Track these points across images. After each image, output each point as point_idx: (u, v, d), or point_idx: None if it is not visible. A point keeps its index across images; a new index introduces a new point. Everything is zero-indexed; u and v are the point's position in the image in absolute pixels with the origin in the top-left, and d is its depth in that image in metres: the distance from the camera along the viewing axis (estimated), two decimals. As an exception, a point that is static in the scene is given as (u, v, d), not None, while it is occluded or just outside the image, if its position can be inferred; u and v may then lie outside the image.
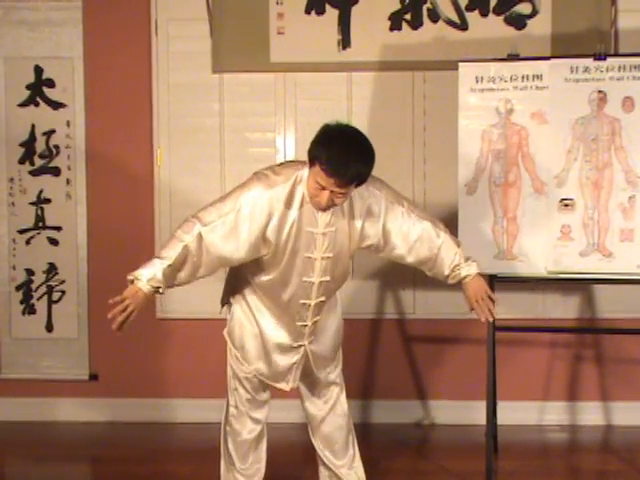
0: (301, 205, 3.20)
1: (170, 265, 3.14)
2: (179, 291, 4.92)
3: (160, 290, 3.15)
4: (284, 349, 3.46)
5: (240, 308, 3.49)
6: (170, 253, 3.15)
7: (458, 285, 3.44)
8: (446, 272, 3.41)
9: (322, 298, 3.39)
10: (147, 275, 3.11)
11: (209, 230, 3.18)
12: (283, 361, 3.47)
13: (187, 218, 3.23)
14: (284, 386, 3.50)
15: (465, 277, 3.39)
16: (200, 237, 3.17)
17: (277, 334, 3.45)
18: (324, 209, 3.17)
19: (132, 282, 3.12)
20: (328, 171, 3.02)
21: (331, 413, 3.61)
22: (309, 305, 3.36)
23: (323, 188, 3.07)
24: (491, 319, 3.45)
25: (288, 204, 3.18)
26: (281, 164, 3.42)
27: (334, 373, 3.61)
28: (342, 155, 3.01)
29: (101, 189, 5.03)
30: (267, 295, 3.41)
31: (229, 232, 3.18)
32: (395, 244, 3.34)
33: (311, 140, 3.12)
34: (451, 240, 3.42)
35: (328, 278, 3.32)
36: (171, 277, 3.17)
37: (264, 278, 3.34)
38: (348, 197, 3.17)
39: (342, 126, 3.14)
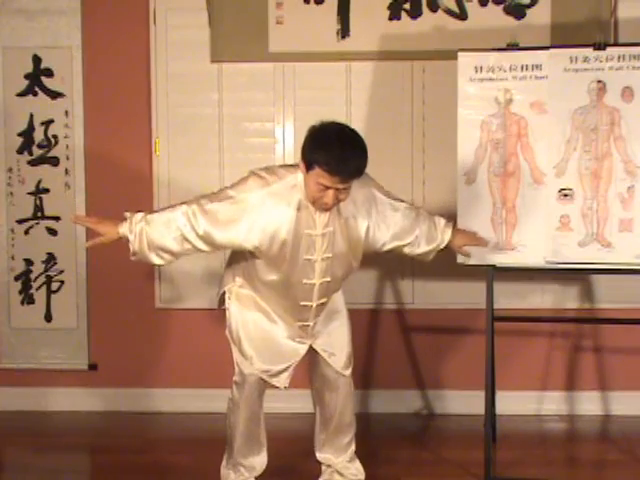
0: (298, 209, 3.25)
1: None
2: (179, 281, 4.98)
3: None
4: (285, 338, 3.50)
5: (237, 301, 3.52)
6: (165, 244, 3.31)
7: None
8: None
9: (323, 300, 3.46)
10: (129, 234, 3.33)
11: (204, 211, 3.29)
12: (282, 356, 3.51)
13: (185, 213, 3.31)
14: (277, 382, 3.54)
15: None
16: (196, 214, 3.29)
17: (277, 325, 3.49)
18: (329, 208, 3.23)
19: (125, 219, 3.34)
20: (331, 171, 3.09)
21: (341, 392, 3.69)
22: (310, 306, 3.43)
23: (327, 188, 3.13)
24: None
25: (284, 206, 3.25)
26: (274, 166, 3.47)
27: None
28: (340, 153, 3.09)
29: (100, 179, 5.03)
30: (268, 292, 3.45)
31: (226, 221, 3.26)
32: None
33: (302, 145, 3.19)
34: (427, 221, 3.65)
35: (329, 279, 3.40)
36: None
37: (267, 278, 3.40)
38: (350, 190, 3.21)
39: (329, 125, 3.21)
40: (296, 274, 3.34)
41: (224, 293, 3.60)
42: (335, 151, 3.09)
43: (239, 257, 3.56)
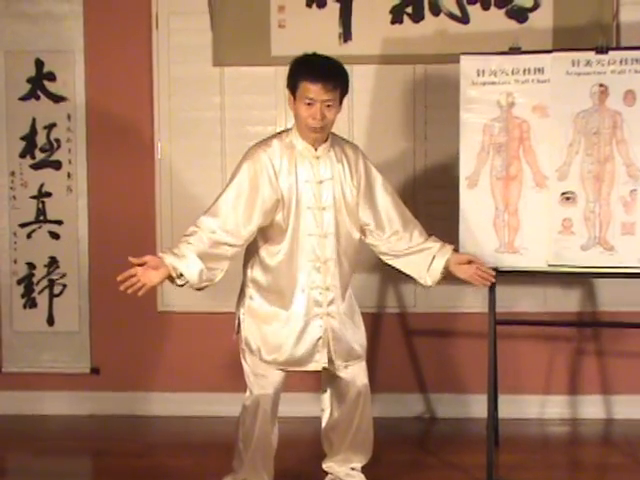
0: (295, 160, 3.42)
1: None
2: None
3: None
4: (304, 325, 3.50)
5: (250, 314, 3.54)
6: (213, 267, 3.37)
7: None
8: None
9: (332, 256, 3.48)
10: (168, 258, 3.31)
11: (222, 204, 3.38)
12: (306, 339, 3.50)
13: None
14: (314, 366, 3.54)
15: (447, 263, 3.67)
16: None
17: (290, 325, 3.49)
18: (321, 130, 3.37)
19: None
20: (314, 79, 3.32)
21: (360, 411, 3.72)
22: (319, 266, 3.45)
23: (312, 103, 3.32)
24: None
25: (286, 154, 3.42)
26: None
27: (360, 376, 3.69)
28: (321, 64, 3.39)
29: (102, 183, 5.03)
30: (277, 271, 3.46)
31: (246, 197, 3.37)
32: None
33: (287, 77, 3.46)
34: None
35: (332, 230, 3.46)
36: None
37: (276, 250, 3.45)
38: (336, 110, 3.39)
39: (308, 53, 3.48)
40: (302, 229, 3.41)
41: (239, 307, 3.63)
42: (316, 62, 3.40)
43: (247, 267, 3.58)
